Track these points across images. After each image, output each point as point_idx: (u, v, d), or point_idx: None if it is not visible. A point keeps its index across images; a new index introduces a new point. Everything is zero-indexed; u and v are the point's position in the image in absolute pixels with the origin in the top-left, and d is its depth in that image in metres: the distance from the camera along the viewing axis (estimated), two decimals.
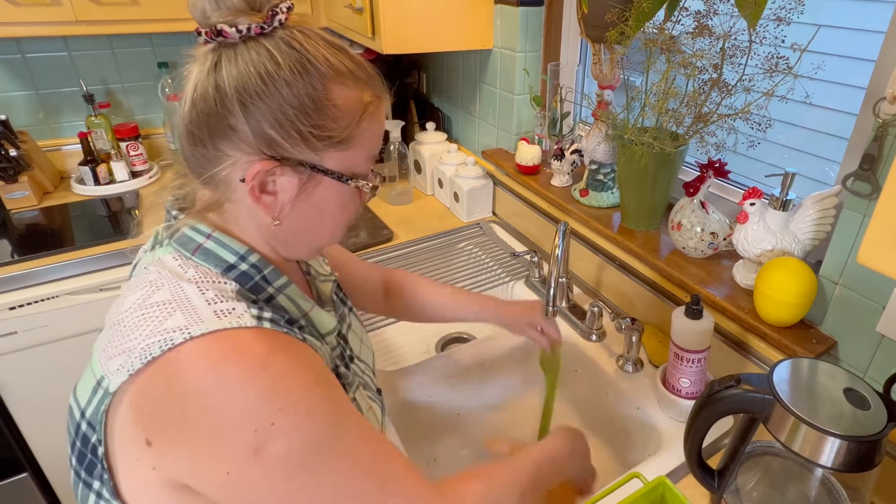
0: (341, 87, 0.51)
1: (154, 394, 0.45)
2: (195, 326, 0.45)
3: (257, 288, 0.54)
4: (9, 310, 1.26)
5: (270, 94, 0.48)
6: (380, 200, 1.65)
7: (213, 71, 0.49)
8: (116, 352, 0.46)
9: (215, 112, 0.48)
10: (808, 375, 0.65)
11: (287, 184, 0.51)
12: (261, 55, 0.48)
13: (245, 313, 0.48)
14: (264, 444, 0.43)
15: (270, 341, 0.48)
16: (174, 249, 0.53)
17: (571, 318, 1.12)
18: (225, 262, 0.53)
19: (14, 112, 1.65)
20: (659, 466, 0.80)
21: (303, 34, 0.50)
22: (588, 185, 1.22)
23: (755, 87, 0.85)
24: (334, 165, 0.52)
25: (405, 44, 1.33)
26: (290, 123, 0.49)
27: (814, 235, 0.85)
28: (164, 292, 0.49)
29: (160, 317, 0.46)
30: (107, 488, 0.48)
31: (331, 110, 0.50)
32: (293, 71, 0.48)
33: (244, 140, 0.49)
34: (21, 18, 1.34)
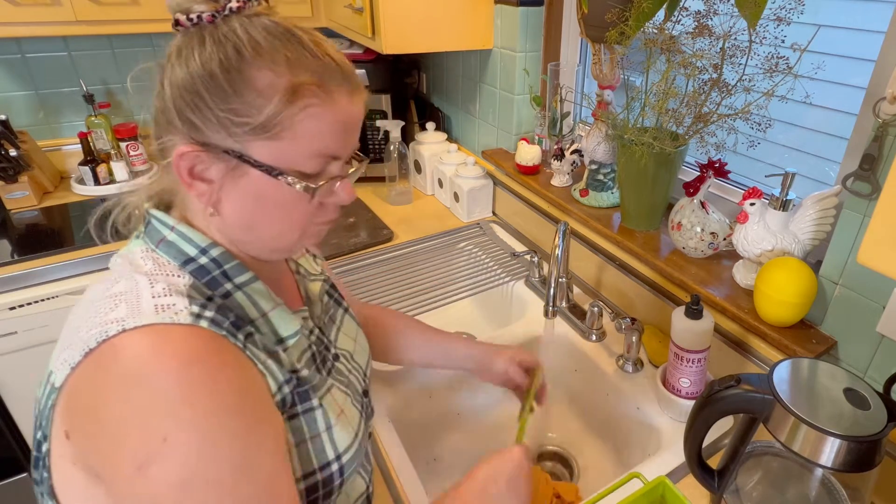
0: (267, 71, 0.47)
1: (80, 386, 0.44)
2: (131, 319, 0.44)
3: (214, 283, 0.52)
4: (9, 310, 1.26)
5: (190, 76, 0.48)
6: (380, 200, 1.65)
7: (164, 59, 0.50)
8: (66, 345, 0.46)
9: (160, 97, 0.50)
10: (808, 375, 0.65)
11: (215, 171, 0.50)
12: (193, 39, 0.49)
13: (184, 310, 0.47)
14: (149, 461, 0.41)
15: (199, 344, 0.45)
16: (143, 242, 0.54)
17: (571, 318, 1.12)
18: (185, 255, 0.52)
19: (14, 112, 1.65)
20: (659, 466, 0.80)
21: (249, 22, 0.49)
22: (588, 185, 1.22)
23: (755, 87, 0.85)
24: (262, 157, 0.49)
25: (405, 44, 1.33)
26: (206, 107, 0.48)
27: (814, 235, 0.85)
28: (121, 284, 0.48)
29: (107, 309, 0.46)
30: (44, 488, 0.47)
31: (247, 92, 0.47)
32: (213, 53, 0.48)
33: (174, 124, 0.50)
34: (21, 18, 1.34)
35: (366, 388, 0.71)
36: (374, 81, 1.63)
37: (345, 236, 1.43)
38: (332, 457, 0.56)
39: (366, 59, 1.63)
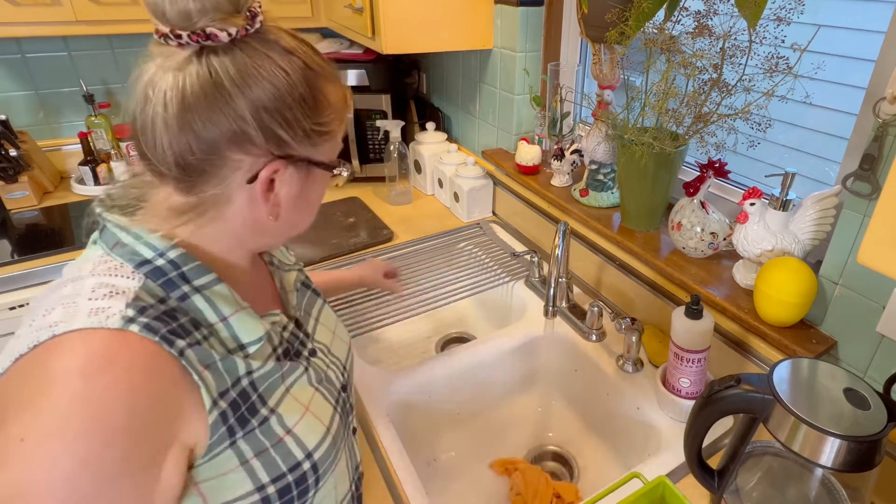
0: (330, 84, 0.54)
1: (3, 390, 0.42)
2: (63, 324, 0.43)
3: (170, 285, 0.50)
4: (9, 310, 1.26)
5: (280, 96, 0.49)
6: (380, 200, 1.65)
7: (208, 75, 0.47)
8: (4, 354, 0.44)
9: (223, 125, 0.48)
10: (808, 375, 0.65)
11: (290, 179, 0.53)
12: (258, 58, 0.49)
13: (117, 313, 0.44)
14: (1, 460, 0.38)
15: (112, 352, 0.42)
16: (100, 246, 0.52)
17: (571, 318, 1.12)
18: (140, 257, 0.50)
19: (14, 112, 1.65)
20: (659, 466, 0.80)
21: (284, 33, 0.52)
22: (588, 185, 1.22)
23: (755, 87, 0.85)
24: (324, 156, 0.56)
25: (405, 44, 1.33)
26: (298, 122, 0.51)
27: (814, 235, 0.85)
28: (67, 288, 0.47)
29: (43, 313, 0.45)
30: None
31: (326, 107, 0.53)
32: (295, 72, 0.50)
33: (255, 143, 0.49)
34: (21, 18, 1.34)
35: (344, 382, 0.68)
36: (374, 81, 1.63)
37: (345, 236, 1.43)
38: (302, 456, 0.55)
39: (366, 59, 1.63)
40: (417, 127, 1.83)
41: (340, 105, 0.55)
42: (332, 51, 1.67)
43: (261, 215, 0.54)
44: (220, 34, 0.47)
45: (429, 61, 1.84)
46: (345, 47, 1.70)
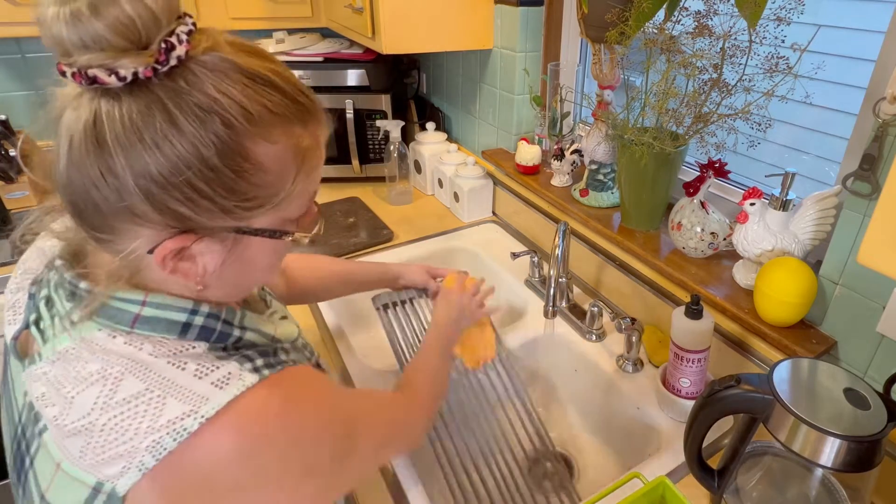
0: (266, 143, 0.41)
1: (183, 482, 0.41)
2: (203, 407, 0.41)
3: (223, 336, 0.48)
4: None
5: (174, 167, 0.38)
6: (380, 200, 1.65)
7: (92, 129, 0.38)
8: (108, 457, 0.40)
9: (104, 184, 0.39)
10: (808, 375, 0.65)
11: (208, 250, 0.44)
12: (153, 112, 0.37)
13: (242, 371, 0.44)
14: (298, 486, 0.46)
15: (281, 390, 0.45)
16: (102, 325, 0.45)
17: (571, 318, 1.12)
18: (177, 324, 0.46)
19: (14, 112, 1.65)
20: (659, 466, 0.80)
21: (209, 72, 0.39)
22: (588, 185, 1.22)
23: (755, 87, 0.85)
24: (266, 223, 0.45)
25: (405, 44, 1.33)
26: (206, 199, 0.40)
27: (814, 235, 0.85)
28: (132, 381, 0.42)
29: (150, 410, 0.41)
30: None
31: (256, 175, 0.41)
32: (199, 133, 0.38)
33: (146, 217, 0.40)
34: (21, 18, 1.34)
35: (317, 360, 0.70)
36: (374, 81, 1.63)
37: (345, 236, 1.43)
38: None
39: (366, 59, 1.63)
40: (417, 127, 1.83)
41: (286, 169, 0.43)
42: (333, 51, 1.67)
43: (188, 284, 0.45)
44: (104, 78, 0.36)
45: (429, 61, 1.84)
46: (345, 47, 1.70)
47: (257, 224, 0.45)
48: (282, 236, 0.47)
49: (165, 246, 0.42)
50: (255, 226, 0.45)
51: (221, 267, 0.46)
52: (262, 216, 0.45)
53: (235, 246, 0.45)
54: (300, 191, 0.46)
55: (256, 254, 0.47)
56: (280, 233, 0.46)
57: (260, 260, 0.48)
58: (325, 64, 1.62)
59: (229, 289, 0.50)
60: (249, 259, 0.47)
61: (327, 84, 1.62)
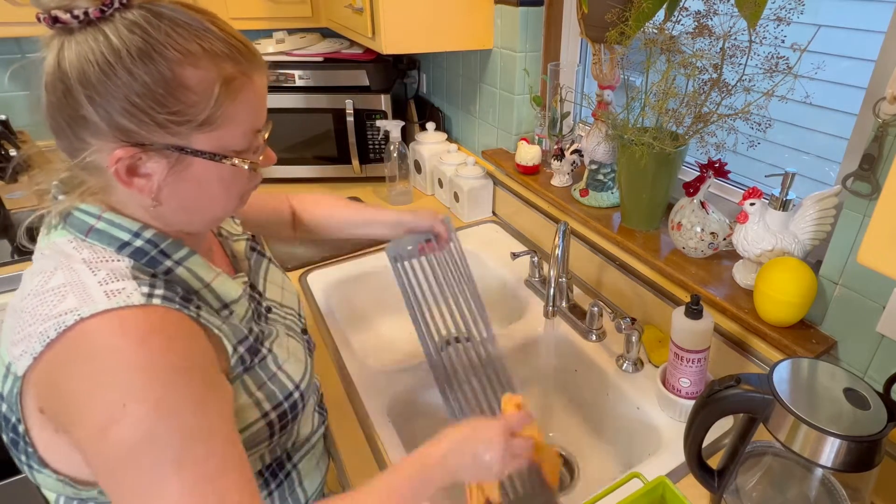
0: (193, 68, 0.49)
1: (48, 371, 0.47)
2: (85, 307, 0.47)
3: (154, 262, 0.55)
4: None
5: (115, 84, 0.47)
6: (380, 200, 1.65)
7: (55, 60, 0.48)
8: (19, 338, 0.48)
9: (65, 103, 0.48)
10: (808, 375, 0.65)
11: (156, 167, 0.51)
12: (99, 43, 0.47)
13: (135, 291, 0.49)
14: (110, 424, 0.45)
15: (155, 319, 0.49)
16: (68, 232, 0.54)
17: (571, 318, 1.12)
18: (118, 240, 0.53)
19: (14, 112, 1.65)
20: (659, 466, 0.80)
21: (148, 13, 0.48)
22: (588, 185, 1.22)
23: (755, 87, 0.85)
24: (204, 146, 0.52)
25: (405, 44, 1.33)
26: (142, 112, 0.48)
27: (814, 235, 0.85)
28: (59, 276, 0.50)
29: (54, 301, 0.48)
30: (33, 459, 0.52)
31: (184, 94, 0.49)
32: (135, 58, 0.47)
33: (98, 129, 0.49)
34: (21, 18, 1.34)
35: (303, 326, 0.79)
36: (374, 81, 1.63)
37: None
38: (292, 387, 0.65)
39: (366, 59, 1.63)
40: (417, 127, 1.83)
41: (210, 91, 0.50)
42: (333, 51, 1.67)
43: (143, 200, 0.53)
44: (63, 17, 0.47)
45: (429, 61, 1.84)
46: (345, 47, 1.70)
47: (196, 145, 0.52)
48: (221, 160, 0.53)
49: (115, 155, 0.49)
50: (195, 146, 0.52)
51: (170, 184, 0.53)
52: (198, 136, 0.51)
53: (178, 164, 0.52)
54: (231, 117, 0.52)
55: (201, 176, 0.54)
56: (219, 156, 0.53)
57: (207, 185, 0.55)
58: (325, 64, 1.62)
59: (183, 213, 0.56)
60: (195, 181, 0.54)
61: (327, 84, 1.62)
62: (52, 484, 0.53)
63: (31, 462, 0.52)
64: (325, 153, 1.71)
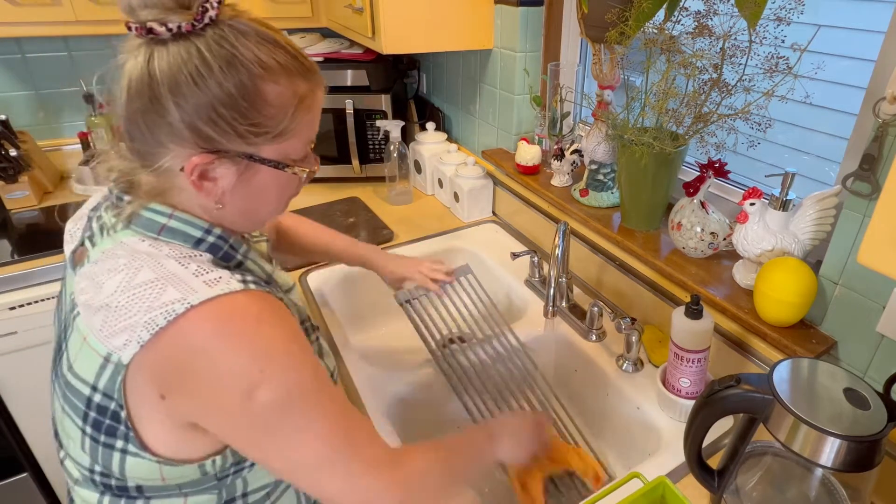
0: (273, 84, 0.53)
1: (165, 357, 0.50)
2: (192, 296, 0.50)
3: (228, 256, 0.59)
4: (9, 310, 1.26)
5: (203, 93, 0.50)
6: (380, 200, 1.65)
7: (146, 67, 0.51)
8: (117, 329, 0.50)
9: (151, 108, 0.51)
10: (808, 375, 0.65)
11: (226, 172, 0.55)
12: (191, 54, 0.50)
13: (231, 279, 0.53)
14: (254, 390, 0.50)
15: (259, 302, 0.53)
16: (136, 232, 0.56)
17: (571, 318, 1.12)
18: (193, 238, 0.57)
19: (14, 112, 1.65)
20: (659, 466, 0.80)
21: (234, 31, 0.52)
22: (588, 185, 1.22)
23: (755, 87, 0.85)
24: (272, 155, 0.56)
25: (405, 44, 1.33)
26: (225, 122, 0.52)
27: (814, 235, 0.85)
28: (147, 272, 0.52)
29: (153, 294, 0.51)
30: (133, 444, 0.54)
31: (264, 107, 0.53)
32: (224, 71, 0.50)
33: (181, 135, 0.52)
34: (21, 18, 1.34)
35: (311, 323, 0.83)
36: (374, 81, 1.63)
37: None
38: (332, 370, 0.70)
39: (366, 59, 1.63)
40: (417, 127, 1.83)
41: (287, 106, 0.54)
42: (333, 51, 1.67)
43: (208, 203, 0.57)
44: (158, 29, 0.50)
45: (429, 61, 1.84)
46: (345, 47, 1.70)
47: (265, 154, 0.56)
48: (284, 168, 0.57)
49: (193, 161, 0.53)
50: (263, 154, 0.56)
51: (235, 189, 0.56)
52: (267, 146, 0.55)
53: (247, 171, 0.56)
54: (297, 129, 0.56)
55: (264, 182, 0.58)
56: (283, 165, 0.57)
57: (267, 190, 0.59)
58: (325, 64, 1.62)
59: (241, 215, 0.60)
60: (258, 186, 0.58)
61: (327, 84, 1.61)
62: (143, 468, 0.55)
63: (128, 447, 0.54)
64: (325, 153, 1.71)
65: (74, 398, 0.55)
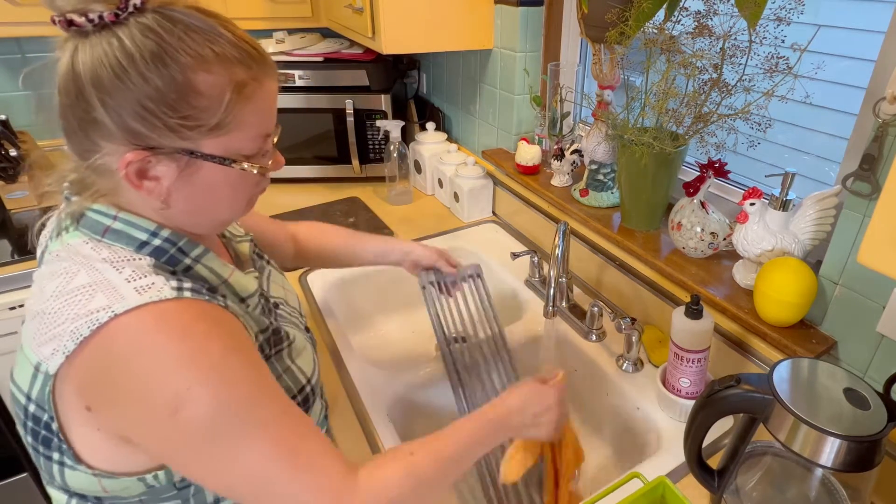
0: (204, 73, 0.49)
1: (89, 368, 0.48)
2: (118, 304, 0.47)
3: (174, 260, 0.56)
4: (9, 310, 1.26)
5: (127, 88, 0.47)
6: (380, 200, 1.65)
7: (70, 63, 0.48)
8: (46, 338, 0.49)
9: (78, 106, 0.49)
10: (808, 375, 0.65)
11: (166, 171, 0.52)
12: (113, 46, 0.47)
13: (164, 286, 0.50)
14: (180, 407, 0.47)
15: (192, 310, 0.50)
16: (82, 234, 0.54)
17: (571, 318, 1.12)
18: (137, 240, 0.54)
19: (14, 112, 1.65)
20: (659, 466, 0.80)
21: (162, 18, 0.49)
22: (588, 185, 1.22)
23: (755, 87, 0.85)
24: (214, 150, 0.53)
25: (405, 44, 1.33)
26: (154, 116, 0.49)
27: (814, 235, 0.85)
28: (82, 276, 0.50)
29: (82, 300, 0.48)
30: (67, 456, 0.52)
31: (195, 98, 0.49)
32: (147, 62, 0.47)
33: (110, 132, 0.49)
34: (21, 18, 1.34)
35: (305, 324, 0.80)
36: (374, 81, 1.63)
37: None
38: (304, 381, 0.67)
39: (366, 59, 1.63)
40: (417, 127, 1.83)
41: (221, 97, 0.50)
42: (333, 51, 1.67)
43: (153, 202, 0.54)
44: (79, 20, 0.47)
45: (429, 61, 1.84)
46: (345, 47, 1.70)
47: (205, 149, 0.52)
48: (231, 164, 0.54)
49: (126, 158, 0.50)
50: (204, 150, 0.52)
51: (179, 188, 0.53)
52: (206, 140, 0.52)
53: (188, 168, 0.52)
54: (240, 122, 0.53)
55: (210, 180, 0.54)
56: (228, 160, 0.54)
57: (216, 188, 0.55)
58: (325, 64, 1.62)
59: (192, 215, 0.57)
60: (204, 184, 0.54)
61: (327, 84, 1.62)
62: (82, 480, 0.53)
63: (64, 459, 0.52)
64: (325, 153, 1.71)
65: (16, 407, 0.53)
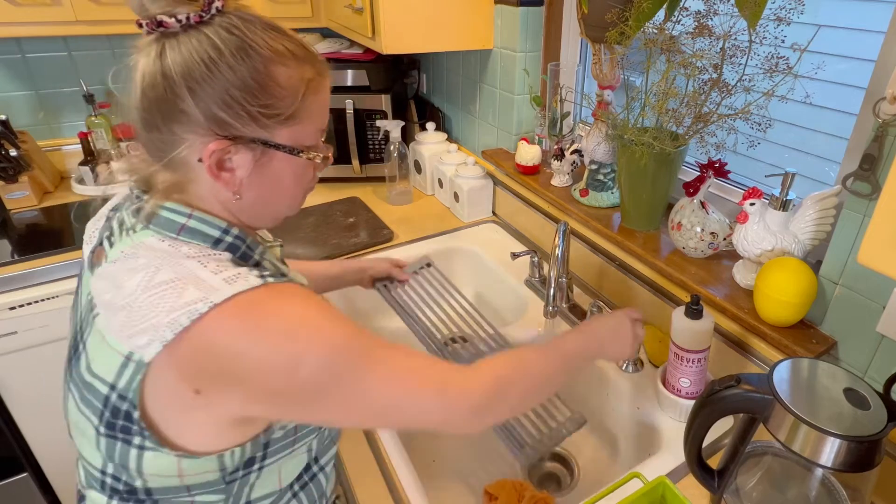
0: (283, 67, 0.55)
1: (194, 355, 0.50)
2: (213, 295, 0.50)
3: (245, 256, 0.60)
4: (9, 310, 1.26)
5: (216, 78, 0.52)
6: (380, 200, 1.65)
7: (158, 60, 0.52)
8: (138, 330, 0.51)
9: (165, 98, 0.52)
10: (808, 375, 0.65)
11: (242, 160, 0.56)
12: (202, 42, 0.52)
13: (250, 275, 0.53)
14: (299, 366, 0.50)
15: (281, 290, 0.54)
16: (155, 232, 0.56)
17: (571, 318, 1.12)
18: (211, 237, 0.58)
19: (14, 112, 1.65)
20: (659, 466, 0.80)
21: (241, 19, 0.54)
22: (588, 185, 1.22)
23: (755, 87, 0.85)
24: (285, 140, 0.57)
25: (405, 44, 1.33)
26: (238, 105, 0.53)
27: (814, 235, 0.85)
28: (167, 271, 0.52)
29: (174, 293, 0.51)
30: (150, 440, 0.54)
31: (275, 89, 0.54)
32: (234, 55, 0.52)
33: (196, 123, 0.53)
34: (21, 18, 1.34)
35: None
36: (374, 81, 1.63)
37: (345, 236, 1.43)
38: None
39: (366, 59, 1.63)
40: (417, 127, 1.83)
41: (297, 89, 0.56)
42: (333, 51, 1.67)
43: (226, 194, 0.57)
44: (168, 21, 0.51)
45: (429, 61, 1.84)
46: (345, 47, 1.70)
47: (278, 139, 0.57)
48: (298, 154, 0.58)
49: (209, 148, 0.53)
50: (277, 140, 0.57)
51: (252, 178, 0.57)
52: (280, 130, 0.56)
53: (262, 157, 0.57)
54: (308, 114, 0.58)
55: (279, 170, 0.59)
56: (297, 150, 0.58)
57: (283, 179, 0.60)
58: None
59: (259, 207, 0.61)
60: (274, 174, 0.59)
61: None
62: (162, 462, 0.55)
63: (145, 443, 0.54)
64: None
65: (92, 397, 0.55)
